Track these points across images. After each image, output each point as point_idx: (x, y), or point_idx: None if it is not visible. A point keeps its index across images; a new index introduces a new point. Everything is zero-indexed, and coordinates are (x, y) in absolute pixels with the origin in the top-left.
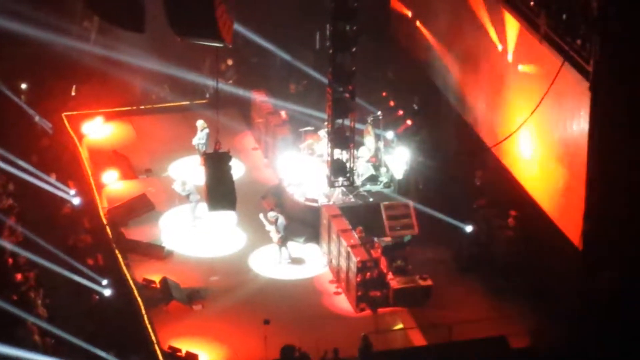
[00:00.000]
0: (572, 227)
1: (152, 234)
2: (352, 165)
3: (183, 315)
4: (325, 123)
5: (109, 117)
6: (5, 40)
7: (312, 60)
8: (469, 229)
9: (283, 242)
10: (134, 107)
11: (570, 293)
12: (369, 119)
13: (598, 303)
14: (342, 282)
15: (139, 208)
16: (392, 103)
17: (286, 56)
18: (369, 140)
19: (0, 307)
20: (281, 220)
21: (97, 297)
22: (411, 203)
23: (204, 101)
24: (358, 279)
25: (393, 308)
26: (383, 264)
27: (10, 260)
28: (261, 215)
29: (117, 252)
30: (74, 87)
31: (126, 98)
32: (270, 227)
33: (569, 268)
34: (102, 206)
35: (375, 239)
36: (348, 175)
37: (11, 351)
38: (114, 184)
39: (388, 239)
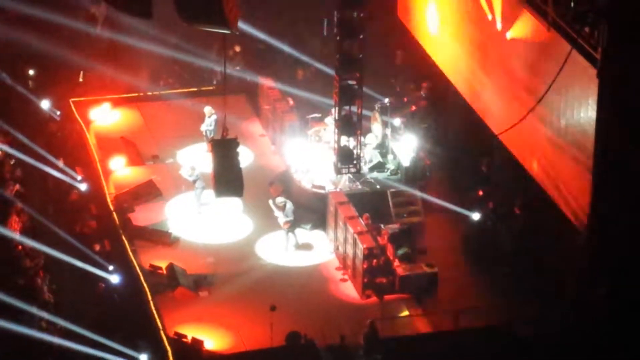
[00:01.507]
0: (579, 214)
1: (159, 220)
2: (359, 152)
3: (189, 302)
4: (333, 110)
5: (117, 103)
6: (14, 25)
7: (319, 47)
8: (475, 216)
9: (291, 227)
10: (142, 94)
11: (577, 280)
12: (377, 106)
13: (604, 291)
14: (349, 269)
15: (146, 194)
16: (397, 89)
17: (294, 43)
18: (376, 127)
19: (7, 293)
20: (289, 205)
21: (103, 285)
22: (418, 190)
23: (212, 88)
24: (364, 266)
25: (399, 295)
26: (389, 251)
27: (18, 247)
28: (270, 201)
29: (123, 238)
30: (82, 73)
31: (134, 84)
32: (278, 213)
33: (576, 255)
34: (109, 192)
35: (382, 226)
36: (355, 162)
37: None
38: (121, 170)
39: (395, 226)
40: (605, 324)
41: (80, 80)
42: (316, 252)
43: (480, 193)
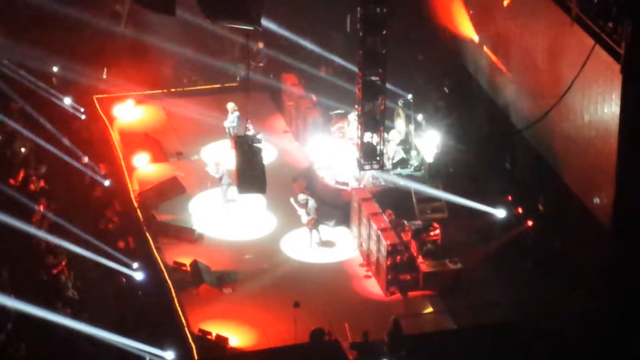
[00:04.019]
0: (603, 210)
1: (183, 217)
2: (382, 148)
3: (213, 299)
4: (356, 106)
5: (140, 99)
6: (37, 23)
7: (342, 43)
8: (500, 213)
9: (314, 224)
10: (165, 90)
11: (600, 275)
12: (400, 102)
13: (629, 286)
14: (372, 265)
15: (170, 191)
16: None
17: (317, 39)
18: (400, 123)
19: (32, 290)
20: (311, 202)
21: (124, 279)
22: (440, 187)
23: (235, 84)
24: (388, 263)
25: (423, 292)
26: (413, 247)
27: (42, 243)
28: (292, 199)
29: (147, 235)
30: (105, 69)
31: (157, 81)
32: (301, 211)
33: (599, 251)
34: (133, 189)
35: (406, 223)
36: (378, 158)
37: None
38: (145, 167)
39: (419, 222)
40: (632, 318)
41: (104, 76)
42: (340, 248)
43: (510, 198)
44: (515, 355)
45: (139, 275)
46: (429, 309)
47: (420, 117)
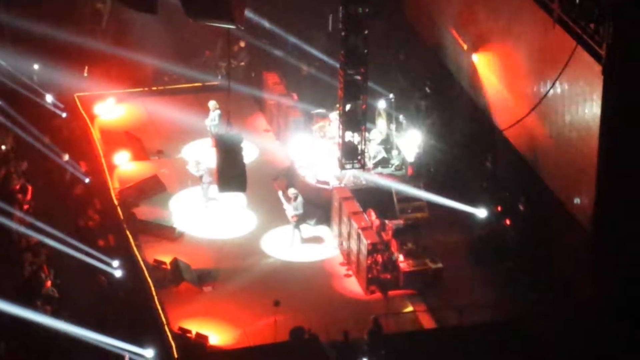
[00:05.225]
0: (583, 211)
1: (163, 215)
2: (363, 147)
3: (193, 297)
4: (337, 105)
5: (121, 98)
6: (18, 21)
7: (324, 42)
8: (481, 213)
9: (298, 221)
10: (146, 88)
11: (581, 277)
12: (381, 102)
13: (609, 288)
14: (353, 264)
15: (151, 189)
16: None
17: (299, 38)
18: (381, 122)
19: (11, 288)
20: (300, 198)
21: (104, 278)
22: (422, 186)
23: (216, 83)
24: (368, 262)
25: (403, 291)
26: (394, 246)
27: (22, 241)
28: (280, 193)
29: (128, 233)
30: (86, 67)
31: (138, 79)
32: (287, 206)
33: (580, 251)
34: (114, 187)
35: (387, 222)
36: (359, 157)
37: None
38: (125, 165)
39: (399, 221)
40: (610, 320)
41: (85, 74)
42: (320, 247)
43: (491, 198)
44: (495, 355)
45: (119, 273)
46: (409, 308)
47: (401, 116)
